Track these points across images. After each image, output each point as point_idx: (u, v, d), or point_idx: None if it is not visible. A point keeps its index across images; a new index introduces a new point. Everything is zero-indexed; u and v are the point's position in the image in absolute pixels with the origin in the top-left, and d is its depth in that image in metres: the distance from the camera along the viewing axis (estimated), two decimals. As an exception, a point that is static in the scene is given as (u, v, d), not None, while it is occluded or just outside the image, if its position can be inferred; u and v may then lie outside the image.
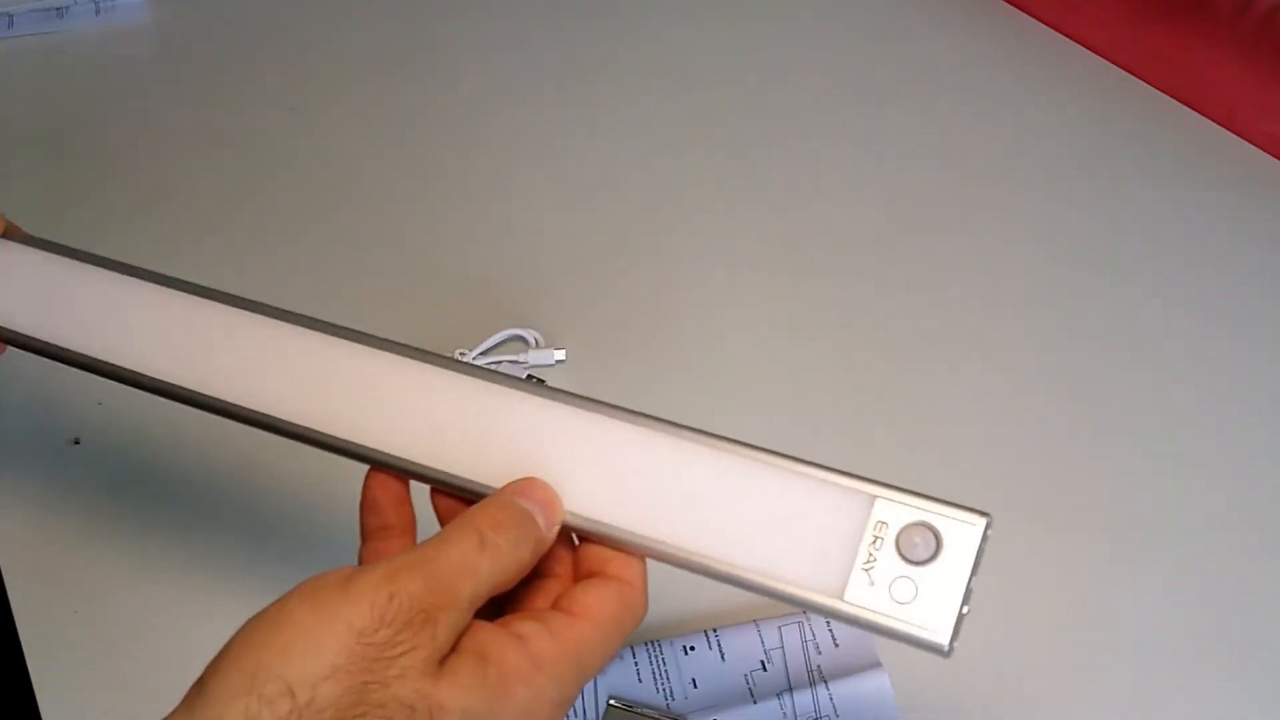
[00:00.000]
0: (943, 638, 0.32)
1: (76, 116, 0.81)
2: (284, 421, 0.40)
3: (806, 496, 0.35)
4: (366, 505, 0.39)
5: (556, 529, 0.38)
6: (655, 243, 0.73)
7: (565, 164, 0.78)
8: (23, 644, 0.55)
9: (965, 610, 0.33)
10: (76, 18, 0.86)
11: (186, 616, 0.56)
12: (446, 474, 0.38)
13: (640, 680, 0.53)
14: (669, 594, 0.58)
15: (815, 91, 0.83)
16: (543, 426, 0.38)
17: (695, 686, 0.53)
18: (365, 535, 0.39)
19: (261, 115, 0.81)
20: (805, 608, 0.34)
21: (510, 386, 0.39)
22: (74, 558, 0.58)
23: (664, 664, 0.54)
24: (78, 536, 0.59)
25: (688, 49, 0.86)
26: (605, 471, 0.37)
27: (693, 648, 0.54)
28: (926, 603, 0.33)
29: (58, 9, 0.86)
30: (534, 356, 0.65)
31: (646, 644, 0.54)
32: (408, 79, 0.83)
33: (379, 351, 0.41)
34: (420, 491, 0.40)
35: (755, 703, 0.52)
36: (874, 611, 0.33)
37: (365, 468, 0.39)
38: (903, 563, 0.33)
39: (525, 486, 0.38)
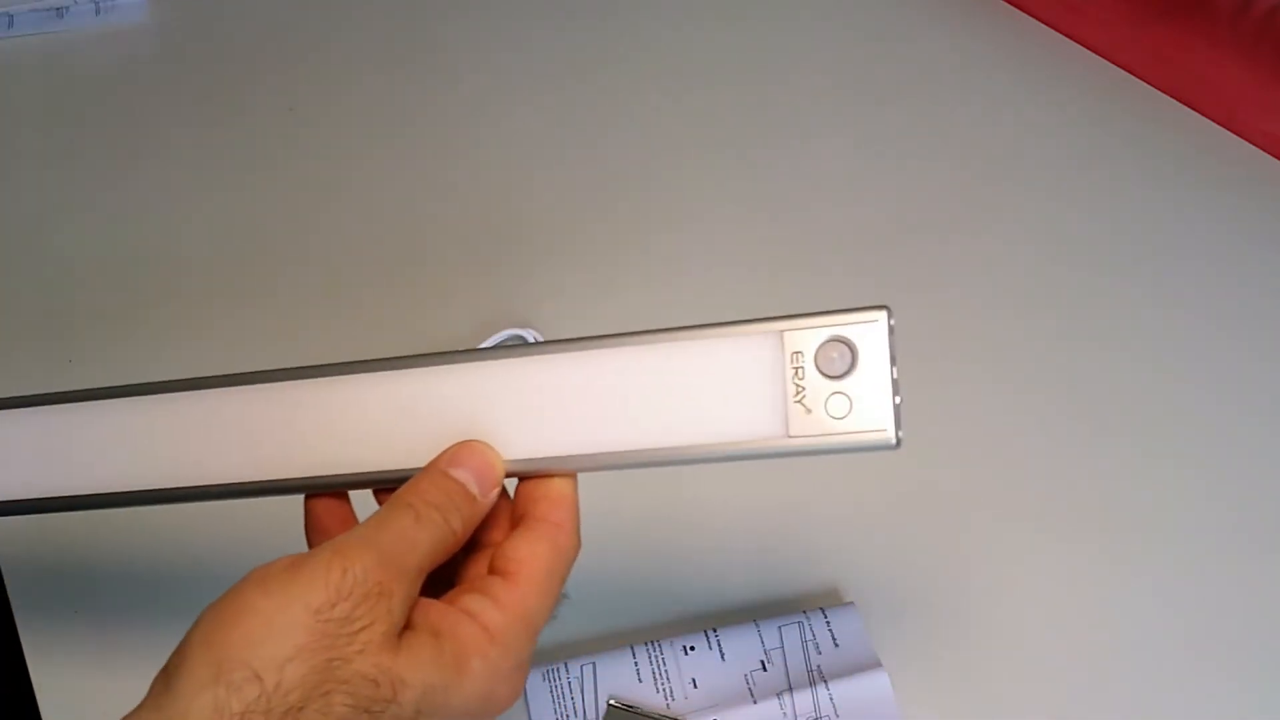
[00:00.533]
0: (888, 432, 0.34)
1: (76, 116, 0.81)
2: (213, 486, 0.40)
3: (720, 357, 0.36)
4: (312, 528, 0.40)
5: (496, 491, 0.38)
6: (656, 243, 0.73)
7: (566, 164, 0.78)
8: (23, 644, 0.55)
9: (899, 400, 0.34)
10: (76, 18, 0.86)
11: (186, 617, 0.56)
12: (380, 472, 0.39)
13: (640, 680, 0.53)
14: (669, 594, 0.58)
15: (815, 91, 0.83)
16: (456, 392, 0.38)
17: (695, 686, 0.53)
18: None
19: (261, 115, 0.81)
20: (758, 457, 0.35)
21: (411, 366, 0.39)
22: (74, 558, 0.58)
23: (664, 664, 0.54)
24: (78, 536, 0.59)
25: (688, 49, 0.86)
26: (527, 410, 0.38)
27: (693, 648, 0.54)
28: (862, 408, 0.34)
29: (58, 9, 0.86)
30: (534, 356, 0.65)
31: (646, 644, 0.54)
32: (408, 78, 0.83)
33: (285, 384, 0.40)
34: (362, 500, 0.40)
35: (755, 703, 0.52)
36: (821, 435, 0.34)
37: None
38: (828, 380, 0.35)
39: (457, 453, 0.38)
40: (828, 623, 0.55)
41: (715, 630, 0.55)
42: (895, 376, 0.34)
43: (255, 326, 0.69)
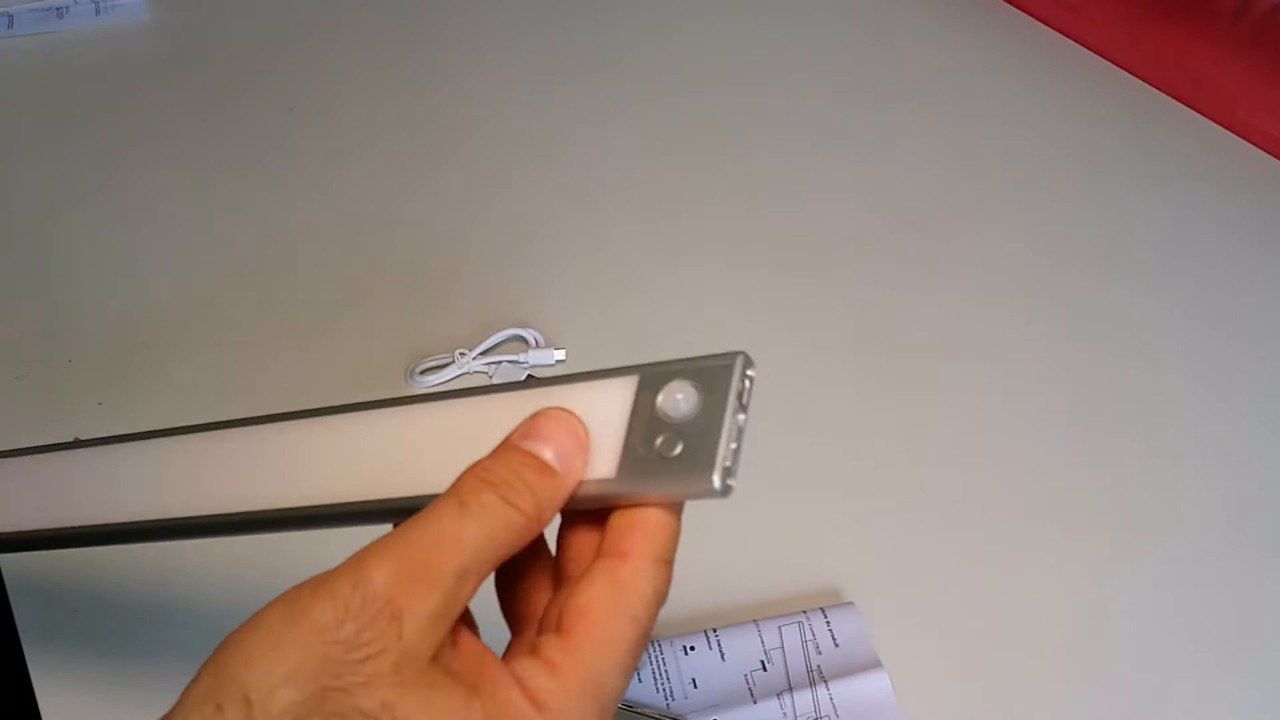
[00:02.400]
0: (711, 478, 0.31)
1: (76, 116, 0.81)
2: (258, 513, 0.38)
3: (584, 407, 0.34)
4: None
5: (584, 459, 0.32)
6: (656, 242, 0.73)
7: (566, 164, 0.78)
8: (23, 644, 0.55)
9: (734, 447, 0.31)
10: (76, 18, 0.86)
11: (186, 617, 0.56)
12: (390, 500, 0.35)
13: (640, 680, 0.53)
14: (670, 594, 0.58)
15: (815, 91, 0.83)
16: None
17: (695, 686, 0.53)
18: None
19: (261, 114, 0.81)
20: (592, 505, 0.32)
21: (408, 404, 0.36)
22: (74, 558, 0.58)
23: (664, 664, 0.54)
24: (78, 536, 0.59)
25: (688, 50, 0.86)
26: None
27: (693, 648, 0.54)
28: (693, 451, 0.31)
29: (58, 9, 0.86)
30: (534, 356, 0.65)
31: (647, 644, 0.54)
32: (407, 78, 0.83)
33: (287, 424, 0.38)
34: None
35: (755, 703, 0.52)
36: (646, 476, 0.31)
37: None
38: (667, 422, 0.32)
39: (530, 425, 0.32)
40: (828, 623, 0.55)
41: (715, 630, 0.55)
42: (741, 424, 0.32)
43: (255, 326, 0.69)
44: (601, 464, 0.32)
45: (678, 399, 0.32)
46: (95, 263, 0.71)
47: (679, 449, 0.31)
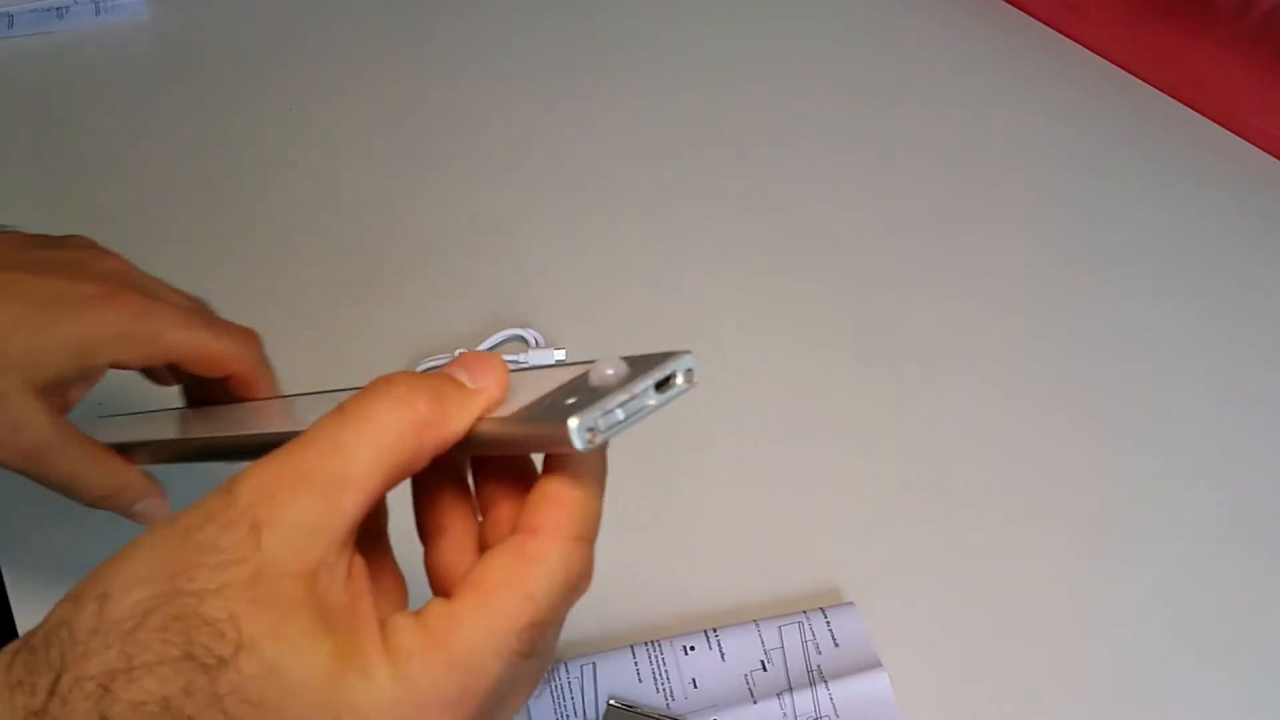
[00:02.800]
0: (568, 423, 0.28)
1: (76, 116, 0.81)
2: None
3: (535, 375, 0.33)
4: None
5: (495, 380, 0.30)
6: (655, 242, 0.73)
7: (566, 164, 0.78)
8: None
9: (619, 414, 0.29)
10: (76, 18, 0.86)
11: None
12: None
13: (640, 680, 0.53)
14: (669, 594, 0.58)
15: (815, 91, 0.83)
16: None
17: (695, 686, 0.53)
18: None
19: (261, 114, 0.81)
20: (484, 449, 0.31)
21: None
22: (74, 558, 0.58)
23: (664, 664, 0.54)
24: (78, 536, 0.59)
25: (687, 48, 0.86)
26: None
27: (693, 648, 0.54)
28: (580, 405, 0.29)
29: (58, 9, 0.86)
30: (534, 356, 0.65)
31: (647, 644, 0.54)
32: (406, 78, 0.83)
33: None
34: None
35: (755, 703, 0.52)
36: (532, 420, 0.30)
37: None
38: (587, 387, 0.31)
39: (452, 361, 0.31)
40: (828, 623, 0.55)
41: (715, 630, 0.55)
42: (643, 398, 0.30)
43: (254, 326, 0.69)
44: (510, 409, 0.32)
45: (608, 373, 0.31)
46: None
47: (572, 400, 0.30)
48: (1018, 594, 0.58)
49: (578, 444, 0.28)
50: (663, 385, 0.31)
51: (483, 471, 0.32)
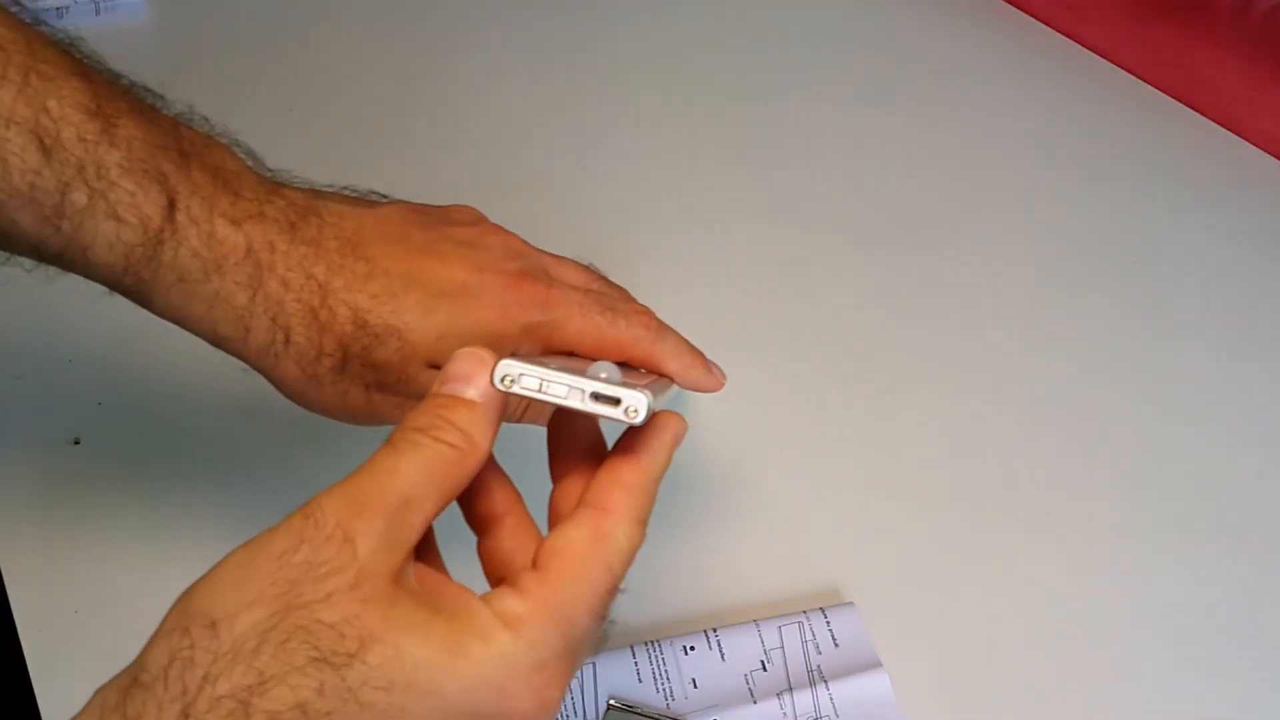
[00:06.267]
0: (496, 365, 0.34)
1: (76, 116, 0.80)
2: None
3: None
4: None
5: (483, 375, 0.35)
6: (655, 243, 0.73)
7: (567, 165, 0.78)
8: (23, 644, 0.55)
9: (562, 388, 0.34)
10: (76, 17, 0.86)
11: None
12: None
13: (640, 680, 0.53)
14: (669, 594, 0.58)
15: (816, 92, 0.83)
16: None
17: (695, 686, 0.53)
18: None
19: (261, 115, 0.81)
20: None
21: None
22: (74, 558, 0.58)
23: (664, 664, 0.54)
24: (78, 536, 0.59)
25: (690, 52, 0.86)
26: None
27: (693, 648, 0.54)
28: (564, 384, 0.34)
29: (57, 9, 0.86)
30: (534, 357, 0.65)
31: (646, 644, 0.54)
32: (406, 78, 0.83)
33: None
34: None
35: (755, 703, 0.52)
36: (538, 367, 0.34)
37: None
38: (618, 373, 0.37)
39: (448, 370, 0.35)
40: (828, 623, 0.55)
41: (715, 630, 0.55)
42: (592, 380, 0.34)
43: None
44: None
45: (600, 372, 0.35)
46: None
47: (555, 366, 0.35)
48: (1018, 594, 0.58)
49: (496, 381, 0.34)
50: (601, 399, 0.34)
51: (559, 446, 0.38)
